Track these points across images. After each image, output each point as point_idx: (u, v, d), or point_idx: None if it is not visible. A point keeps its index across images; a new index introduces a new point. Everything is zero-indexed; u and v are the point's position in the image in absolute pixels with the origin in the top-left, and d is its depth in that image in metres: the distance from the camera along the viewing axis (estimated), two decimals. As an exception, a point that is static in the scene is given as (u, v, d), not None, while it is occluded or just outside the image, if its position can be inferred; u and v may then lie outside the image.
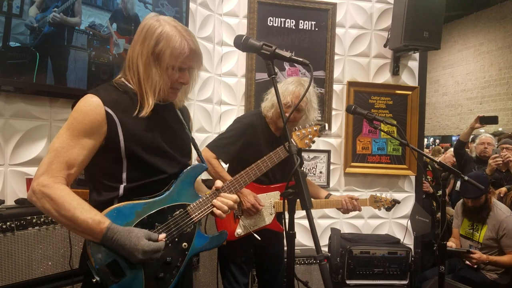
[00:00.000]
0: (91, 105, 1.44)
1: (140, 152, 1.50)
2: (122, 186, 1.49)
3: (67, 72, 2.34)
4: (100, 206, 1.43)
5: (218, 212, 1.63)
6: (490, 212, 3.39)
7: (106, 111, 1.44)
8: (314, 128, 2.41)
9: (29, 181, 2.20)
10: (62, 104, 2.43)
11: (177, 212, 1.57)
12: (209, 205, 1.63)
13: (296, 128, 2.41)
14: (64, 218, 1.35)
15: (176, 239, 1.56)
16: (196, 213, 1.61)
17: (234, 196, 1.68)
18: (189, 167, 1.63)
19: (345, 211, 2.58)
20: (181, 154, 1.65)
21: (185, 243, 1.58)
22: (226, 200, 1.64)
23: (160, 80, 1.51)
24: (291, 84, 2.45)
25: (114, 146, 1.46)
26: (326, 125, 2.53)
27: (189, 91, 1.67)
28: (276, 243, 2.61)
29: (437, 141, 13.22)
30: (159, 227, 1.51)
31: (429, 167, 4.82)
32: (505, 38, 10.90)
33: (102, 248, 1.39)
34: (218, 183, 1.68)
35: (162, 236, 1.46)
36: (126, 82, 1.56)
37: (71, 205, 1.35)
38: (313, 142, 2.46)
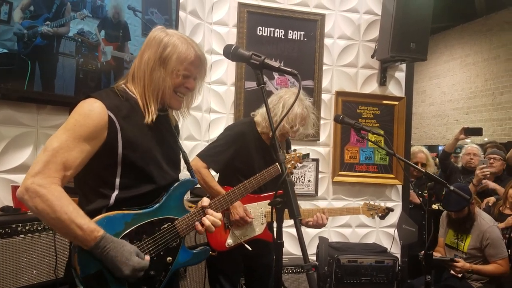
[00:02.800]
0: (95, 109, 1.43)
1: (136, 159, 1.49)
2: (113, 195, 1.48)
3: (55, 79, 2.33)
4: (88, 215, 1.40)
5: (201, 229, 1.62)
6: (474, 222, 3.42)
7: (109, 116, 1.44)
8: (298, 155, 2.44)
9: (14, 189, 2.18)
10: (50, 111, 2.41)
11: (165, 226, 1.56)
12: (196, 221, 1.63)
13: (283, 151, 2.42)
14: (58, 220, 1.32)
15: (161, 253, 1.55)
16: (183, 228, 1.60)
17: (219, 215, 1.67)
18: (180, 181, 1.63)
19: (314, 225, 2.56)
20: (172, 167, 1.66)
21: (170, 257, 1.57)
22: (214, 219, 1.63)
23: (163, 83, 1.53)
24: (296, 106, 2.37)
25: (112, 151, 1.46)
26: (310, 153, 2.57)
27: (191, 104, 1.70)
28: (267, 254, 2.59)
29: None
30: (146, 239, 1.50)
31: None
32: (490, 50, 11.09)
33: (89, 257, 1.37)
34: (205, 201, 1.67)
35: (148, 257, 1.46)
36: (127, 90, 1.57)
37: (68, 209, 1.33)
38: (295, 167, 2.48)
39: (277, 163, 2.17)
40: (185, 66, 1.55)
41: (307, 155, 2.50)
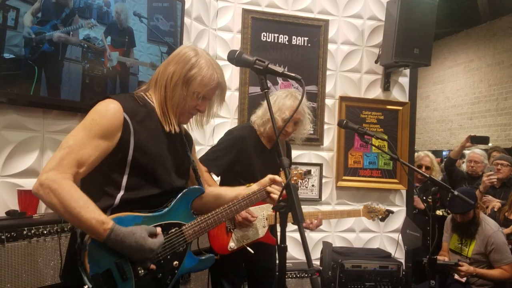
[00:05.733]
0: (112, 109, 1.48)
1: (145, 162, 1.53)
2: (119, 195, 1.51)
3: (61, 84, 2.35)
4: None
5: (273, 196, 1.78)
6: (478, 227, 3.41)
7: (124, 118, 1.48)
8: (300, 171, 2.46)
9: (20, 193, 2.19)
10: (55, 115, 2.43)
11: (173, 230, 1.60)
12: (202, 227, 1.67)
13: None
14: (69, 214, 1.36)
15: (169, 257, 1.57)
16: (190, 234, 1.64)
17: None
18: (188, 188, 1.68)
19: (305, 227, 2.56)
20: (180, 174, 1.70)
21: (176, 262, 1.60)
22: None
23: (182, 102, 1.60)
24: (287, 99, 2.47)
25: (123, 152, 1.50)
26: (312, 170, 2.60)
27: (205, 123, 1.77)
28: (269, 258, 2.60)
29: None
30: None
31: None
32: (494, 56, 11.08)
33: (100, 255, 1.40)
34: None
35: (159, 229, 1.50)
36: (147, 97, 1.62)
37: (77, 203, 1.36)
38: (297, 184, 2.49)
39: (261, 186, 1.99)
40: (206, 91, 1.61)
41: (309, 172, 2.53)
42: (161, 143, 1.60)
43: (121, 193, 1.51)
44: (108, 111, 1.47)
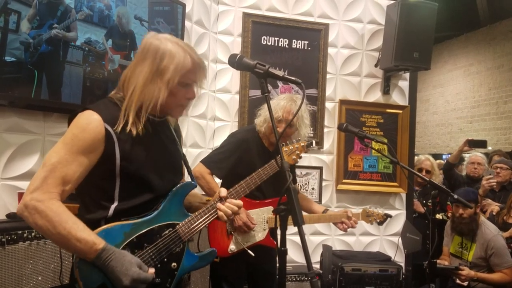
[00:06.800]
0: (92, 122, 1.41)
1: (135, 170, 1.48)
2: (113, 206, 1.47)
3: (62, 87, 2.36)
4: (87, 224, 1.39)
5: (220, 214, 1.61)
6: (478, 230, 3.41)
7: (106, 129, 1.42)
8: (302, 144, 2.40)
9: (21, 195, 2.19)
10: (56, 118, 2.44)
11: (166, 232, 1.55)
12: (198, 223, 1.61)
13: (284, 143, 2.41)
14: (57, 236, 1.32)
15: (165, 259, 1.54)
16: (186, 232, 1.58)
17: (240, 202, 1.66)
18: (178, 185, 1.61)
19: (343, 228, 2.59)
20: (173, 172, 1.65)
21: (174, 263, 1.56)
22: (232, 206, 1.63)
23: (159, 93, 1.47)
24: (282, 100, 2.50)
25: (110, 163, 1.45)
26: (314, 141, 2.57)
27: (189, 108, 1.65)
28: (269, 261, 2.60)
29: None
30: (148, 248, 1.49)
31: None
32: (494, 59, 11.10)
33: (91, 271, 1.37)
34: (222, 192, 1.66)
35: (152, 270, 1.43)
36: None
37: (67, 224, 1.32)
38: (300, 157, 2.46)
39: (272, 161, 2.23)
40: (183, 75, 1.50)
41: (311, 143, 2.48)
42: (148, 146, 1.53)
43: (115, 204, 1.47)
44: (89, 124, 1.41)
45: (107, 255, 1.34)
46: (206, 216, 1.63)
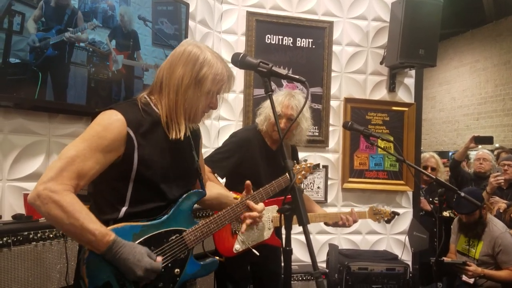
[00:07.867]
0: (115, 123, 1.43)
1: (149, 176, 1.50)
2: (123, 209, 1.49)
3: (67, 88, 2.36)
4: None
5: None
6: (485, 228, 3.39)
7: (128, 132, 1.44)
8: (308, 165, 2.45)
9: (26, 196, 2.20)
10: (61, 119, 2.45)
11: (173, 237, 1.56)
12: (204, 232, 1.63)
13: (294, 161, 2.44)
14: (71, 226, 1.32)
15: (169, 265, 1.54)
16: (192, 240, 1.60)
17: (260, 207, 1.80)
18: (188, 193, 1.63)
19: (343, 225, 2.59)
20: (186, 179, 1.67)
21: (178, 269, 1.57)
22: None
23: (198, 103, 1.54)
24: (280, 96, 2.51)
25: (127, 166, 1.46)
26: (321, 164, 2.59)
27: (210, 115, 1.73)
28: (274, 260, 2.59)
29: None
30: (154, 251, 1.50)
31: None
32: (500, 55, 11.00)
33: (98, 269, 1.38)
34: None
35: (160, 258, 1.47)
36: (151, 103, 1.57)
37: (80, 214, 1.33)
38: (306, 178, 2.49)
39: (286, 174, 2.20)
40: (219, 86, 1.58)
41: (318, 165, 2.52)
42: (166, 153, 1.55)
43: (125, 207, 1.49)
44: (111, 124, 1.42)
45: (118, 247, 1.35)
46: (213, 226, 1.66)
